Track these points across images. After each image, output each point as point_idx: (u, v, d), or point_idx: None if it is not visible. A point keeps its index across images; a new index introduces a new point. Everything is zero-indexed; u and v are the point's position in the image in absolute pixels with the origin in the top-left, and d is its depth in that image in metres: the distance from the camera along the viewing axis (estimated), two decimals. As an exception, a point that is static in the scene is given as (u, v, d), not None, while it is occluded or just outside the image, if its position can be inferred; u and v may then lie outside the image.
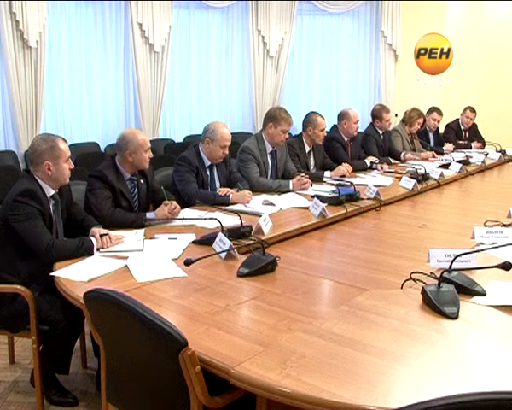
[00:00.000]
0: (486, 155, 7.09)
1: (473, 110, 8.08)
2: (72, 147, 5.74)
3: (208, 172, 4.47)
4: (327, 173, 5.32)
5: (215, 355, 1.98)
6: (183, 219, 3.74)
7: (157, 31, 7.61)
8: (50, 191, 3.27)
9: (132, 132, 3.89)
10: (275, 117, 4.90)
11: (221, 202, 4.13)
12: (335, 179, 5.03)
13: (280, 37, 8.90)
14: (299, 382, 1.81)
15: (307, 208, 4.08)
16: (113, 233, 3.30)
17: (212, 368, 1.96)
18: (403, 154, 6.64)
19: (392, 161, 6.42)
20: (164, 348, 1.97)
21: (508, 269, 2.44)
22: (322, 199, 4.13)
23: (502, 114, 9.19)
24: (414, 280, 2.65)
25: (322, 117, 5.47)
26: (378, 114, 6.65)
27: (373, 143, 6.54)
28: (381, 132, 6.69)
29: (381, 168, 5.89)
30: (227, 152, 4.44)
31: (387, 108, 6.76)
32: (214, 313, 2.34)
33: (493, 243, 3.16)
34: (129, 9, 7.43)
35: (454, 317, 2.32)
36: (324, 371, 1.88)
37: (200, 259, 2.80)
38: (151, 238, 3.40)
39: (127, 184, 3.86)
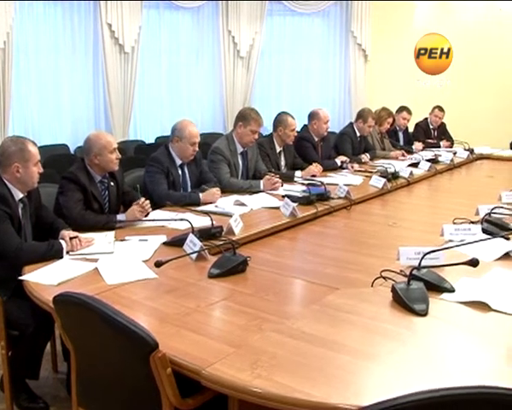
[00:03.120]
0: (455, 153, 7.17)
1: (441, 109, 8.17)
2: (42, 149, 5.65)
3: (180, 172, 4.45)
4: (297, 173, 5.33)
5: (186, 357, 1.97)
6: (154, 220, 3.72)
7: (127, 31, 7.56)
8: (19, 194, 3.22)
9: (96, 135, 3.87)
10: (245, 117, 4.91)
11: (192, 203, 4.12)
12: (306, 179, 5.03)
13: (250, 37, 8.90)
14: (270, 382, 1.82)
15: (278, 208, 4.09)
16: (83, 236, 3.27)
17: (183, 370, 1.95)
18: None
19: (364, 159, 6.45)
20: (134, 350, 1.96)
21: (475, 266, 2.47)
22: (293, 199, 4.15)
23: (470, 113, 9.29)
24: (384, 278, 2.67)
25: (292, 117, 5.48)
26: (364, 115, 6.66)
27: (348, 143, 6.56)
28: (358, 134, 6.73)
29: (352, 168, 5.92)
30: (197, 149, 4.43)
31: (373, 114, 6.80)
32: (185, 315, 2.33)
33: (462, 240, 3.19)
34: (98, 10, 7.37)
35: (423, 314, 2.34)
36: (296, 371, 1.89)
37: (170, 260, 2.79)
38: (121, 240, 3.37)
39: (98, 187, 3.83)
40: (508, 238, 3.31)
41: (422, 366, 1.95)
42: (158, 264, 2.73)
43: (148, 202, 3.78)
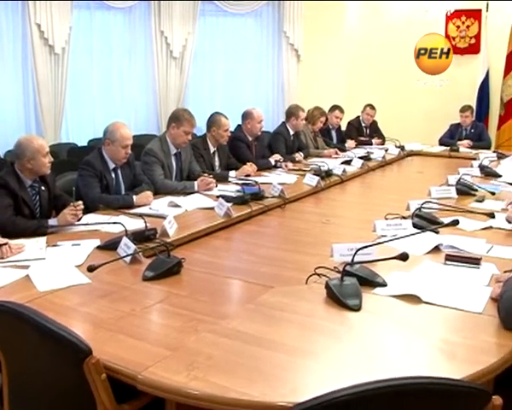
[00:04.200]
0: (386, 150, 7.32)
1: (372, 107, 8.32)
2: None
3: (113, 175, 4.39)
4: (232, 173, 5.34)
5: (121, 362, 1.95)
6: (87, 224, 3.66)
7: (57, 32, 7.37)
8: None
9: (28, 138, 3.78)
10: (177, 118, 4.88)
11: (125, 206, 4.08)
12: (240, 179, 5.04)
13: (183, 38, 8.84)
14: (206, 383, 1.82)
15: (212, 209, 4.08)
16: (13, 242, 3.18)
17: (118, 375, 1.93)
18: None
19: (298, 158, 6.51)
20: (67, 357, 1.93)
21: (405, 260, 2.54)
22: (227, 199, 4.15)
23: (400, 111, 9.50)
24: (318, 275, 2.71)
25: (225, 117, 5.49)
26: (295, 111, 6.74)
27: (281, 142, 6.62)
28: (292, 132, 6.79)
29: (286, 166, 5.96)
30: (129, 151, 4.37)
31: (303, 108, 6.87)
32: (119, 319, 2.31)
33: (394, 235, 3.26)
34: (26, 9, 7.16)
35: (357, 309, 2.39)
36: (232, 371, 1.90)
37: (103, 264, 2.74)
38: (53, 246, 3.30)
39: (29, 192, 3.74)
40: (437, 232, 3.41)
41: (358, 360, 1.99)
42: (91, 268, 2.68)
43: (81, 205, 3.71)
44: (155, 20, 8.57)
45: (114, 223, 3.46)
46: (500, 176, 5.51)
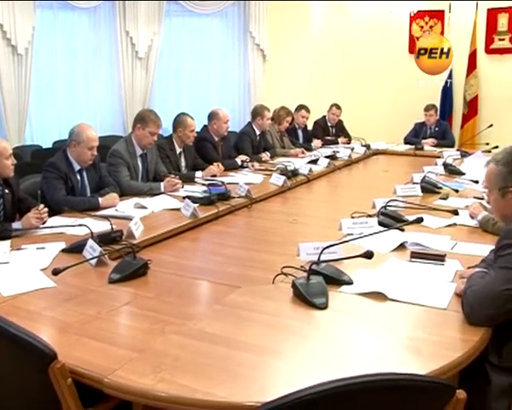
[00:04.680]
0: (352, 149, 7.37)
1: (338, 107, 8.38)
2: None
3: (78, 177, 4.34)
4: (198, 174, 5.32)
5: (87, 365, 1.93)
6: (52, 227, 3.62)
7: (19, 32, 7.26)
8: None
9: None
10: (143, 118, 4.86)
11: (91, 208, 4.04)
12: (206, 179, 5.02)
13: (149, 38, 8.78)
14: (173, 384, 1.81)
15: (179, 210, 4.06)
16: (-25, 246, 3.14)
17: (84, 379, 1.91)
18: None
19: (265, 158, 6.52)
20: (32, 362, 1.90)
21: (370, 257, 2.56)
22: (194, 200, 4.14)
23: (366, 110, 9.58)
24: (285, 274, 2.71)
25: (191, 118, 5.48)
26: (260, 111, 6.77)
27: (247, 142, 6.63)
28: (258, 132, 6.80)
29: (252, 166, 5.97)
30: (95, 153, 4.33)
31: (268, 108, 6.90)
32: (85, 323, 2.28)
33: (360, 234, 3.29)
34: (-13, 10, 7.08)
35: (323, 307, 2.40)
36: (199, 372, 1.89)
37: (69, 267, 2.71)
38: (18, 249, 3.25)
39: (-9, 195, 3.69)
40: (402, 230, 3.44)
41: (325, 359, 2.00)
42: (55, 272, 2.64)
43: (46, 209, 3.67)
44: (120, 21, 8.51)
45: (80, 225, 3.41)
46: (464, 174, 5.59)
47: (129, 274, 2.75)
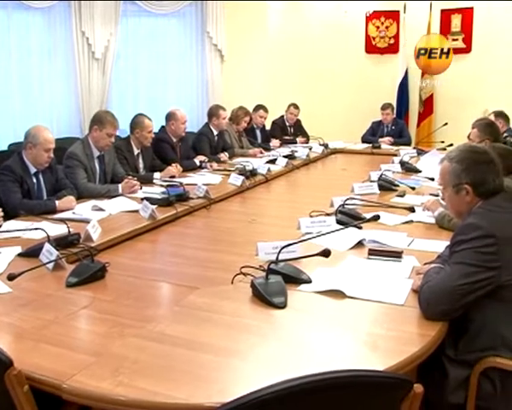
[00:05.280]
0: (310, 149, 7.41)
1: (296, 107, 8.43)
2: None
3: (34, 180, 4.27)
4: (156, 175, 5.29)
5: (45, 372, 1.90)
6: (7, 231, 3.56)
7: (-28, 33, 7.16)
8: None
9: None
10: (100, 120, 4.81)
11: (47, 211, 3.98)
12: (165, 180, 5.00)
13: (105, 38, 8.68)
14: (132, 388, 1.80)
15: (137, 211, 4.03)
16: None
17: (42, 385, 1.88)
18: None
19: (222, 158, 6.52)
20: (-13, 370, 1.87)
21: (327, 256, 2.58)
22: (152, 201, 4.11)
23: (323, 110, 9.64)
24: (244, 274, 2.71)
25: (149, 119, 5.45)
26: (216, 111, 6.78)
27: (205, 143, 6.62)
28: (216, 133, 6.80)
29: (211, 167, 5.97)
30: (52, 155, 4.28)
31: (224, 107, 6.91)
32: (42, 328, 2.25)
33: (318, 232, 3.30)
34: None
35: (282, 306, 2.41)
36: (158, 375, 1.88)
37: (24, 272, 2.66)
38: (-29, 255, 3.19)
39: None
40: (360, 228, 3.48)
41: (285, 358, 2.01)
42: (11, 277, 2.59)
43: (1, 213, 3.60)
44: (76, 21, 8.39)
45: (36, 229, 3.36)
46: (420, 171, 5.68)
47: (87, 278, 2.72)
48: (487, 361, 2.27)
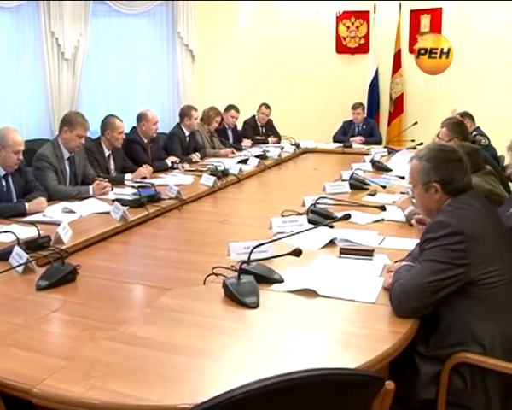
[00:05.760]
0: (282, 148, 7.42)
1: (267, 106, 8.44)
2: None
3: (4, 183, 4.22)
4: (127, 176, 5.24)
5: (14, 376, 1.87)
6: (-25, 235, 3.51)
7: None
8: None
9: None
10: (70, 121, 4.76)
11: (17, 214, 3.93)
12: (136, 181, 4.97)
13: (75, 39, 8.61)
14: (104, 391, 1.79)
15: (108, 213, 4.00)
16: None
17: (12, 390, 1.85)
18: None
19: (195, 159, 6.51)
20: (-45, 376, 1.84)
21: (298, 255, 2.59)
22: (123, 202, 4.08)
23: (295, 110, 9.66)
24: (216, 275, 2.71)
25: (120, 119, 5.40)
26: (187, 112, 6.77)
27: (177, 143, 6.60)
28: (187, 133, 6.78)
29: (182, 167, 5.95)
30: (21, 157, 4.22)
31: (195, 108, 6.90)
32: (12, 332, 2.21)
33: (290, 232, 3.31)
34: None
35: (255, 306, 2.42)
36: (130, 377, 1.87)
37: (-7, 276, 2.65)
38: None
39: None
40: (332, 227, 3.49)
41: (258, 357, 2.02)
42: (-20, 281, 2.58)
43: None
44: (45, 21, 8.31)
45: (5, 232, 3.31)
46: (391, 170, 5.73)
47: (57, 280, 2.69)
48: (458, 357, 2.30)
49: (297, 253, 2.58)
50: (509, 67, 8.67)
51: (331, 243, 3.27)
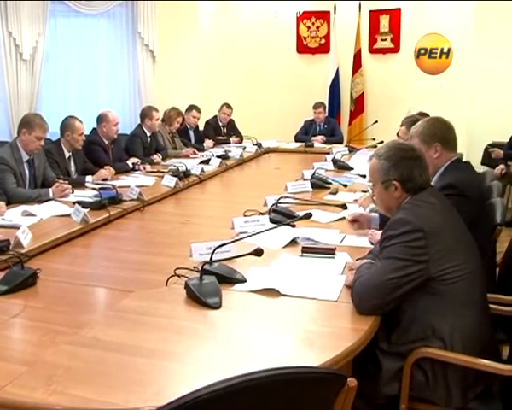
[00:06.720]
0: (244, 148, 7.43)
1: (229, 106, 8.45)
2: None
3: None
4: (88, 178, 5.18)
5: (-27, 384, 1.85)
6: None
7: None
8: None
9: None
10: (28, 123, 4.68)
11: (-25, 218, 3.87)
12: (97, 183, 4.92)
13: (33, 39, 8.50)
14: (66, 396, 1.77)
15: (69, 216, 3.95)
16: None
17: (-30, 398, 1.82)
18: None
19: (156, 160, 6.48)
20: None
21: (260, 255, 2.60)
22: (84, 204, 4.03)
23: (256, 109, 9.67)
24: (178, 276, 2.69)
25: (79, 121, 5.34)
26: (148, 112, 6.74)
27: (138, 144, 6.56)
28: (148, 134, 6.75)
29: (144, 169, 5.91)
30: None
31: (156, 108, 6.87)
32: (-30, 339, 2.18)
33: (253, 232, 3.32)
34: None
35: (217, 307, 2.42)
36: (92, 381, 1.86)
37: (-50, 282, 2.59)
38: None
39: None
40: (293, 226, 3.51)
41: (221, 358, 2.02)
42: None
43: None
44: (2, 21, 8.18)
45: (-37, 237, 3.27)
46: (352, 169, 5.78)
47: (17, 285, 2.65)
48: (419, 352, 2.33)
49: (258, 252, 2.58)
50: (460, 67, 8.97)
51: (293, 242, 3.29)
